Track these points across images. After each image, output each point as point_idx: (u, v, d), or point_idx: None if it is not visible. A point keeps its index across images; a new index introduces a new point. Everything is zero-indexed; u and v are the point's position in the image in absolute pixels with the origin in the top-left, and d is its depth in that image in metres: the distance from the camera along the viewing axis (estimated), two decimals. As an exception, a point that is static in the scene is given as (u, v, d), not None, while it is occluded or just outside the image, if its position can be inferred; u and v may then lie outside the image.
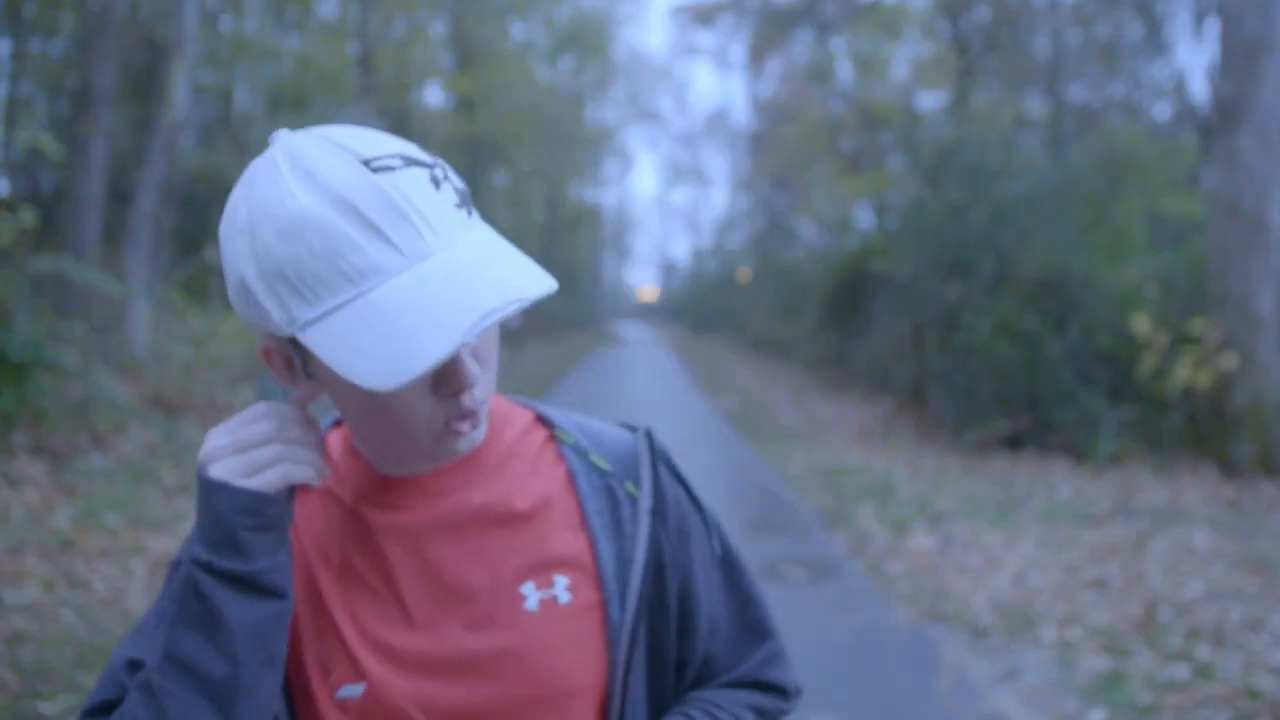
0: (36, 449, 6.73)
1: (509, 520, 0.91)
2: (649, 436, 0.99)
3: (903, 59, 21.65)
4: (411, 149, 0.80)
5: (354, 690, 0.88)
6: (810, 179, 26.41)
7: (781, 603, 5.07)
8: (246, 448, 0.80)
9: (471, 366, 0.81)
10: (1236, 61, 8.20)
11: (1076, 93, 19.41)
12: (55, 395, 7.09)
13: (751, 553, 6.02)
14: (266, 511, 0.80)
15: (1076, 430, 9.04)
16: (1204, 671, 3.99)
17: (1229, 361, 7.89)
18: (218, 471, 0.79)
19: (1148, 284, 9.14)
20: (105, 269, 9.04)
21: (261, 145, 0.84)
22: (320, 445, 0.85)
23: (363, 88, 14.91)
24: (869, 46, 21.02)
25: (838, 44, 21.47)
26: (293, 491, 0.85)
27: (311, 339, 0.76)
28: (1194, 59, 34.58)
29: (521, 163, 23.99)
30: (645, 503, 0.94)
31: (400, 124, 21.32)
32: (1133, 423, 8.87)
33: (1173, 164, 12.31)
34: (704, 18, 27.93)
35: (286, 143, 0.79)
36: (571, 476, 0.95)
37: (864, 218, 20.78)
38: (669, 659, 0.96)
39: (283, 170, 0.76)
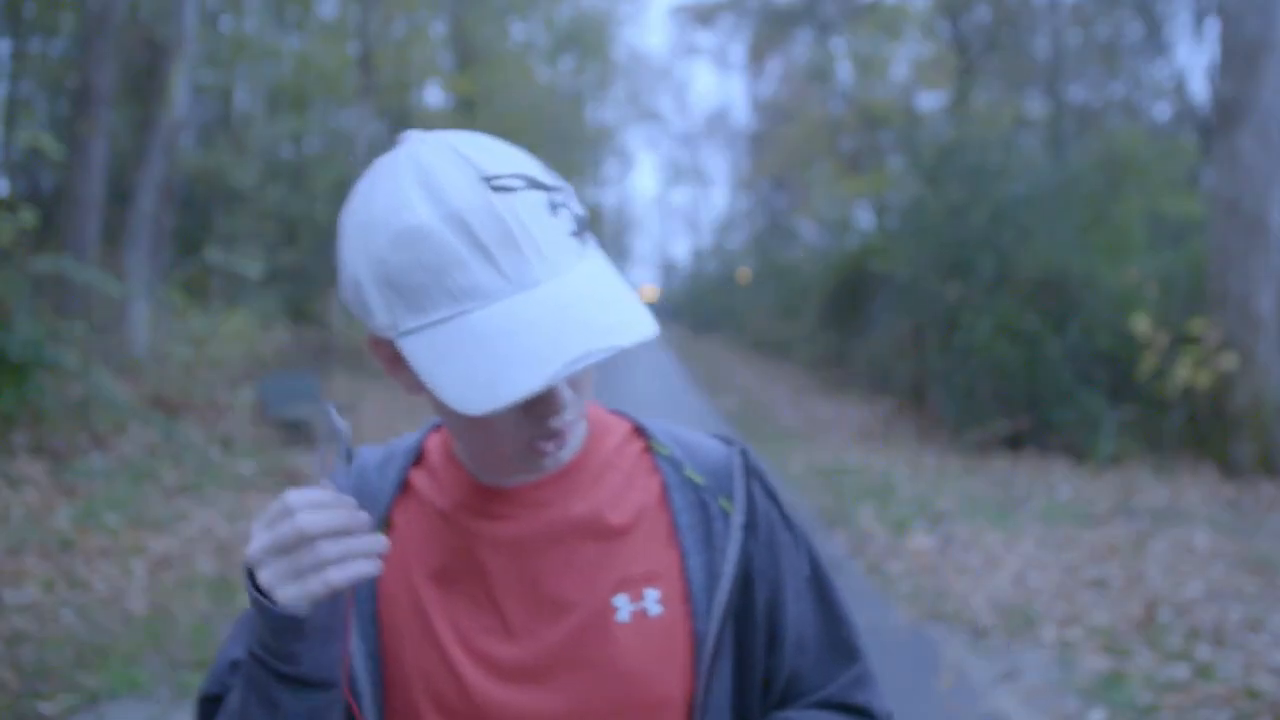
0: (36, 449, 6.73)
1: (605, 533, 0.92)
2: (744, 453, 0.99)
3: (903, 59, 21.65)
4: (536, 169, 0.81)
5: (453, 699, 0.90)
6: (810, 179, 26.41)
7: (781, 603, 5.08)
8: (289, 548, 0.78)
9: (564, 394, 0.82)
10: (1236, 61, 8.20)
11: (1076, 93, 19.41)
12: (55, 395, 7.09)
13: (751, 553, 6.02)
14: (311, 623, 0.81)
15: (1076, 430, 9.04)
16: (1204, 671, 3.99)
17: (1229, 361, 7.88)
18: (265, 578, 0.79)
19: (1148, 284, 9.14)
20: (105, 269, 9.03)
21: (262, 145, 0.84)
22: (369, 524, 0.82)
23: (363, 88, 14.90)
24: (869, 46, 21.02)
25: (838, 44, 21.48)
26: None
27: (409, 348, 0.78)
28: (1194, 59, 34.60)
29: (521, 163, 23.96)
30: (738, 518, 0.94)
31: (400, 124, 21.32)
32: (1133, 423, 8.87)
33: (1173, 164, 12.31)
34: (704, 18, 27.95)
35: (414, 149, 0.80)
36: (666, 490, 0.96)
37: (864, 218, 20.78)
38: (755, 674, 0.96)
39: (405, 177, 0.78)
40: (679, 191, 65.42)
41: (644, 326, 0.77)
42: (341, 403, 10.64)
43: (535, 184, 0.79)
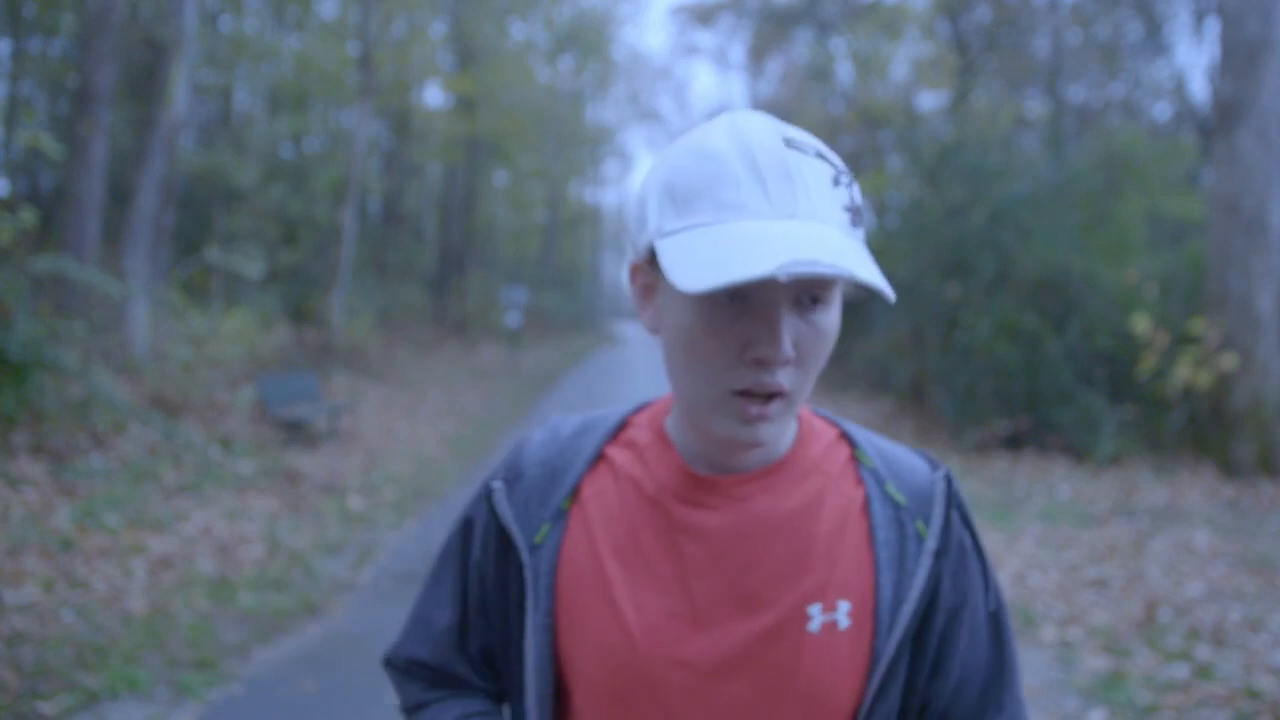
0: (36, 449, 6.73)
1: (808, 538, 0.92)
2: (948, 480, 0.98)
3: (903, 59, 21.64)
4: (831, 154, 0.86)
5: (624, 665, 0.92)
6: (810, 179, 26.36)
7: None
8: None
9: (785, 340, 0.83)
10: (1236, 61, 8.20)
11: (1076, 93, 19.41)
12: (55, 395, 7.09)
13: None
14: None
15: (1076, 430, 9.04)
16: (1204, 671, 3.99)
17: (1229, 361, 7.88)
18: None
19: (1148, 284, 9.14)
20: (105, 269, 9.03)
21: (262, 145, 0.86)
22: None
23: (363, 88, 14.89)
24: (869, 46, 21.00)
25: (838, 44, 21.45)
26: None
27: (664, 246, 0.82)
28: (1194, 59, 34.59)
29: (521, 163, 23.99)
30: (931, 544, 0.94)
31: (400, 124, 21.33)
32: (1133, 423, 8.87)
33: (1173, 164, 12.31)
34: (704, 18, 27.90)
35: (739, 113, 0.88)
36: (868, 503, 0.95)
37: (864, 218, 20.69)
38: (916, 698, 0.95)
39: (719, 124, 0.87)
40: (679, 191, 65.33)
41: (877, 278, 0.80)
42: (341, 403, 10.64)
43: (825, 159, 0.85)
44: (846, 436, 1.00)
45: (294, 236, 15.75)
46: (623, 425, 1.01)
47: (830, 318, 0.87)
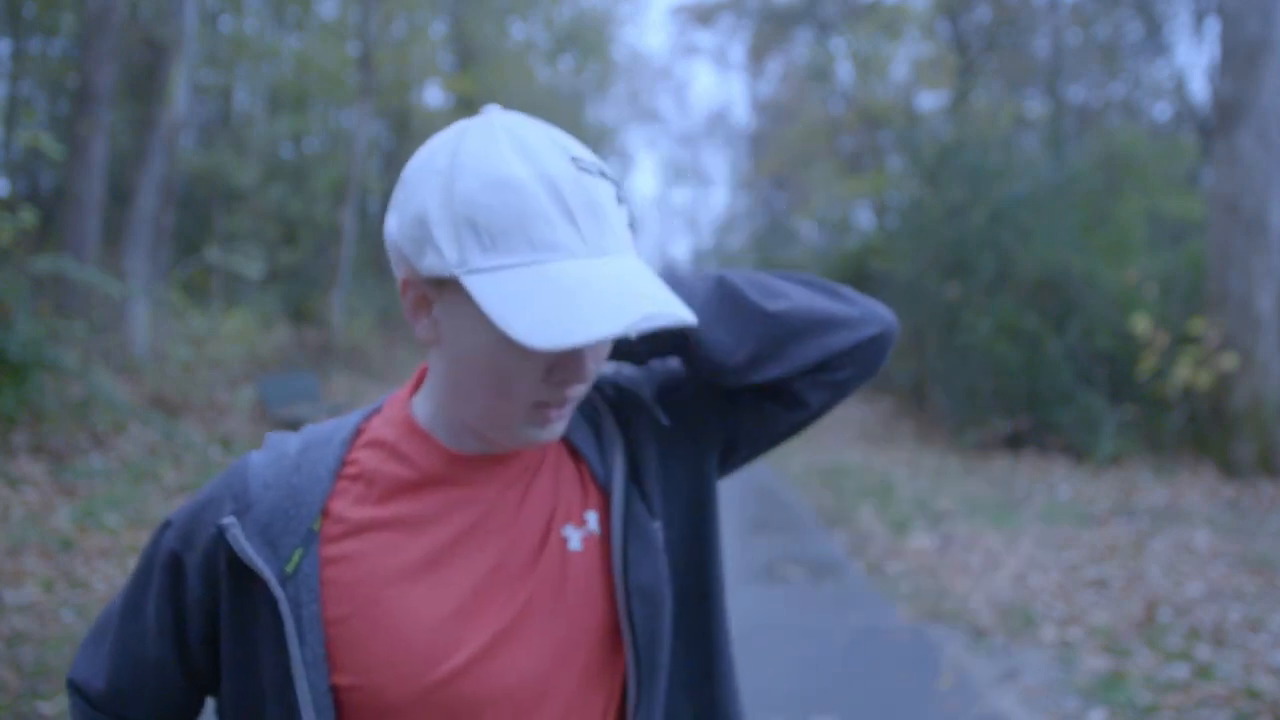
0: (36, 449, 6.73)
1: (541, 471, 0.98)
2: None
3: (903, 59, 21.62)
4: (600, 162, 0.87)
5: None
6: (810, 179, 26.39)
7: (781, 603, 5.07)
8: None
9: (590, 365, 0.86)
10: (1236, 61, 8.19)
11: (1076, 93, 19.40)
12: (55, 395, 7.09)
13: (751, 553, 6.02)
14: None
15: (1076, 430, 9.04)
16: (1204, 671, 3.99)
17: (1229, 361, 7.88)
18: None
19: (1148, 284, 9.14)
20: (105, 269, 9.03)
21: (262, 145, 0.86)
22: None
23: (363, 88, 14.89)
24: (869, 46, 20.99)
25: (838, 44, 21.44)
26: None
27: (475, 285, 0.80)
28: (1194, 59, 34.57)
29: (521, 163, 23.97)
30: (610, 394, 1.05)
31: (400, 124, 21.33)
32: (1133, 423, 8.87)
33: (1173, 164, 12.31)
34: (704, 18, 27.87)
35: (504, 118, 0.86)
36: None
37: (864, 218, 20.75)
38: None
39: (500, 138, 0.83)
40: (679, 191, 65.40)
41: (688, 314, 0.82)
42: (341, 403, 10.64)
43: (606, 176, 0.86)
44: None
45: (294, 236, 15.75)
46: (358, 431, 0.96)
47: None
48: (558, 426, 0.89)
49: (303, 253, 15.53)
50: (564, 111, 26.97)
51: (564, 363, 0.85)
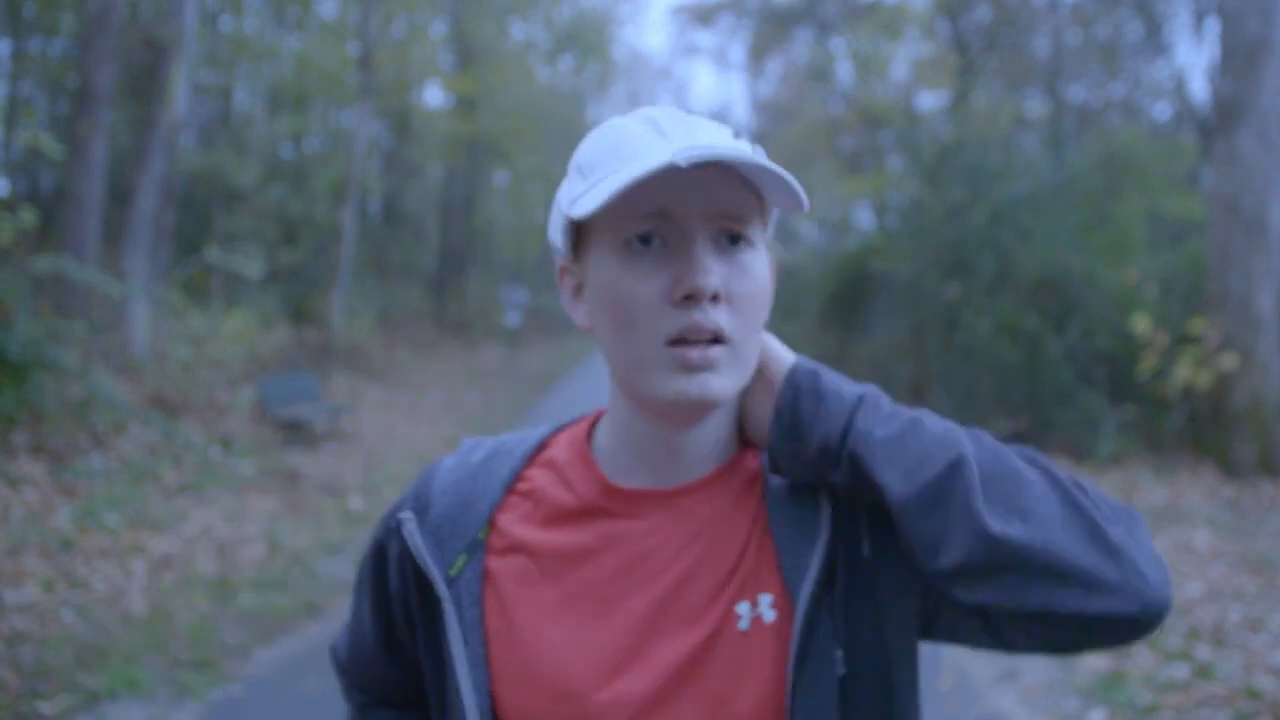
0: (36, 449, 6.73)
1: (731, 537, 0.90)
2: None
3: (903, 59, 21.64)
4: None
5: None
6: (810, 179, 26.41)
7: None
8: None
9: (709, 268, 0.79)
10: (1236, 61, 8.19)
11: (1076, 93, 19.41)
12: (55, 395, 7.08)
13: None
14: None
15: (1076, 430, 9.03)
16: (1204, 671, 3.99)
17: (1229, 361, 7.88)
18: None
19: (1148, 284, 9.14)
20: (105, 269, 9.02)
21: (262, 145, 0.87)
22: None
23: (363, 88, 14.89)
24: (869, 46, 21.00)
25: (838, 44, 21.44)
26: None
27: (575, 208, 0.81)
28: (1194, 59, 34.59)
29: (521, 163, 23.96)
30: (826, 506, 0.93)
31: (400, 124, 21.34)
32: (1133, 422, 8.87)
33: (1173, 164, 12.31)
34: (704, 18, 27.88)
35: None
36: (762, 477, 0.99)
37: (864, 218, 20.75)
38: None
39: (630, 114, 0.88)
40: (679, 191, 65.27)
41: (792, 180, 0.79)
42: (341, 403, 10.64)
43: (726, 126, 0.88)
44: None
45: (294, 236, 15.74)
46: (541, 446, 0.96)
47: (756, 259, 0.84)
48: (709, 378, 0.80)
49: (303, 253, 15.52)
50: (564, 111, 26.96)
51: (679, 270, 0.79)
